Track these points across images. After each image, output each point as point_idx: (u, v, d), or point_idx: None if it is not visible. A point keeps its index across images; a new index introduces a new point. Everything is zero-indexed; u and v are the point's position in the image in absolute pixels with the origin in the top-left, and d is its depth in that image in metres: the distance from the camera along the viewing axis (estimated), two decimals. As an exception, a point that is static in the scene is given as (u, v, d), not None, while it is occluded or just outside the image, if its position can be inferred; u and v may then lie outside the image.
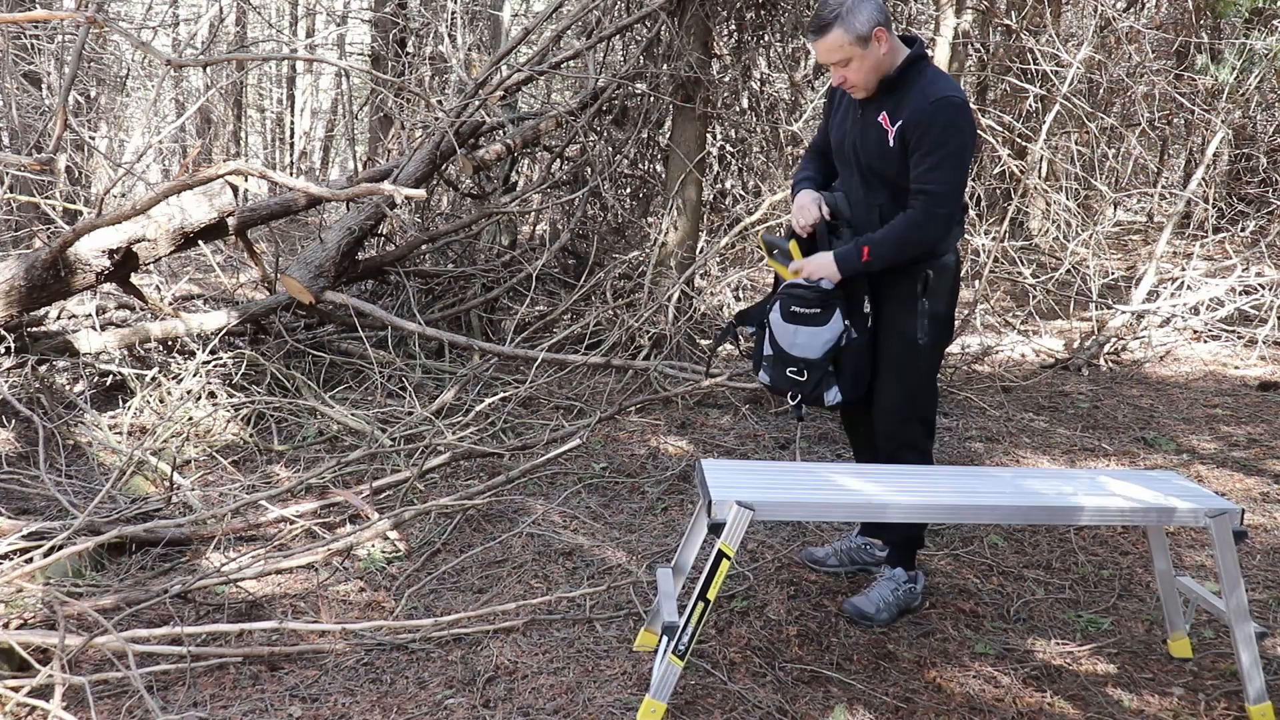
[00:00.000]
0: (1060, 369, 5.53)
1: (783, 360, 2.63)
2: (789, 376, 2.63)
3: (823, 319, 2.58)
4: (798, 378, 2.62)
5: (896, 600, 2.68)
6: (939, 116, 2.43)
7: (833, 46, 2.44)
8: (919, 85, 2.48)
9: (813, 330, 2.59)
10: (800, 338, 2.60)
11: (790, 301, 2.61)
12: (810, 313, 2.59)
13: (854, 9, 2.41)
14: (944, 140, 2.44)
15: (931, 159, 2.45)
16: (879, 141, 2.53)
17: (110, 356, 4.51)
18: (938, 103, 2.43)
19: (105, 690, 2.31)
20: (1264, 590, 2.90)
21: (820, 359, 2.58)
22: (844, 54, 2.44)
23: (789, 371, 2.62)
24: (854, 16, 2.41)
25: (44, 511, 3.31)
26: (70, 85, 3.29)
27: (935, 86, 2.47)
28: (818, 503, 2.23)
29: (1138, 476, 2.46)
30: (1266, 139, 7.75)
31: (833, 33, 2.42)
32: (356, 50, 15.92)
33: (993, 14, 6.96)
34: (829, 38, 2.43)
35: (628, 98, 5.91)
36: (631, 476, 3.79)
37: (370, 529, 3.15)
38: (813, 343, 2.59)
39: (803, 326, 2.59)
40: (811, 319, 2.59)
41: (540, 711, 2.25)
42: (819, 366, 2.59)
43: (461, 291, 5.79)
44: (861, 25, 2.41)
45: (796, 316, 2.60)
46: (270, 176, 3.64)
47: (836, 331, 2.58)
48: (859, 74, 2.48)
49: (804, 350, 2.60)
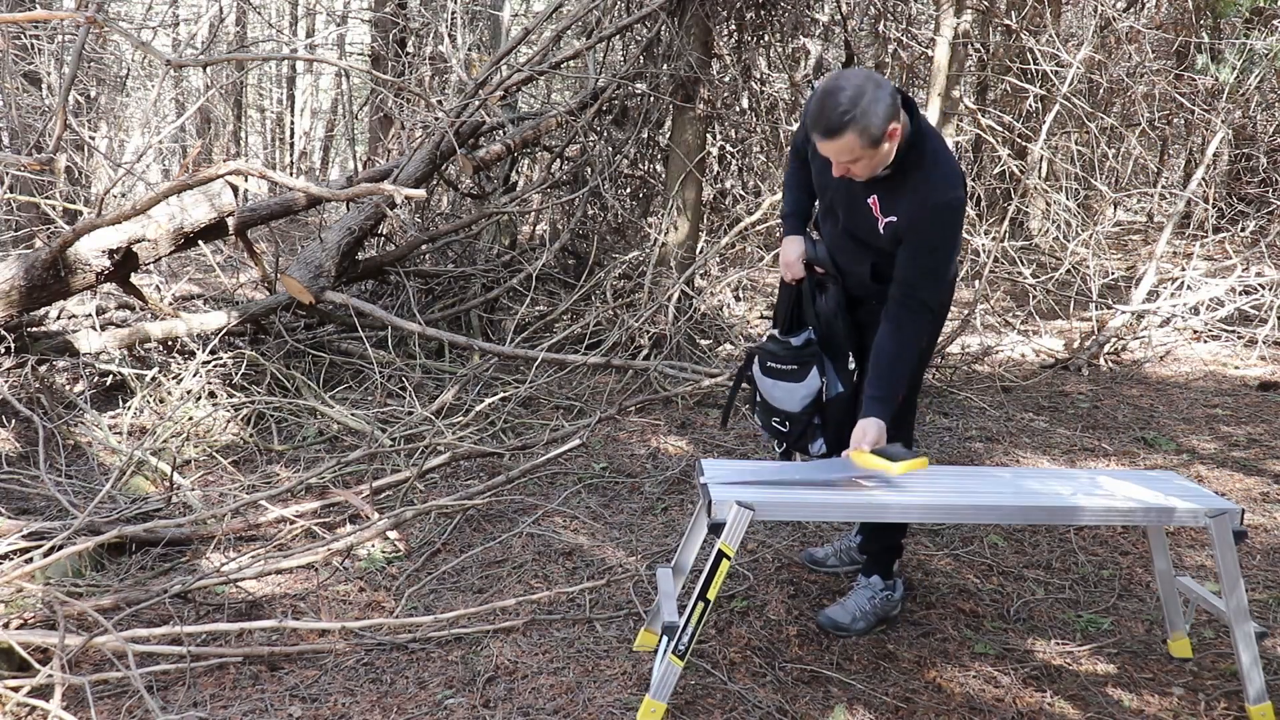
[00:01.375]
0: (1060, 369, 5.53)
1: (767, 410, 2.65)
2: (774, 426, 2.65)
3: (799, 375, 2.56)
4: (781, 428, 2.63)
5: (874, 609, 2.64)
6: (935, 223, 2.29)
7: (843, 149, 2.16)
8: (915, 180, 2.28)
9: (789, 385, 2.57)
10: (778, 392, 2.59)
11: (766, 358, 2.61)
12: (786, 369, 2.57)
13: (869, 110, 2.11)
14: (937, 245, 2.32)
15: (922, 263, 2.33)
16: (867, 223, 2.39)
17: (110, 356, 4.51)
18: (936, 209, 2.27)
19: (105, 690, 2.31)
20: (1264, 590, 2.90)
21: (800, 412, 2.58)
22: (854, 155, 2.18)
23: (773, 421, 2.64)
24: (869, 118, 2.11)
25: (44, 511, 3.31)
26: (70, 85, 3.29)
27: (931, 186, 2.27)
28: (818, 503, 2.23)
29: (1138, 476, 2.46)
30: (1266, 139, 7.75)
31: (845, 136, 2.13)
32: (356, 50, 15.92)
33: (993, 14, 6.96)
34: (841, 141, 2.14)
35: (628, 98, 5.92)
36: (631, 476, 3.79)
37: (370, 529, 3.15)
38: (790, 397, 2.58)
39: (780, 381, 2.58)
40: (787, 375, 2.57)
41: (540, 711, 2.25)
42: (799, 419, 2.59)
43: (461, 291, 5.79)
44: (876, 127, 2.12)
45: (772, 372, 2.60)
46: (270, 176, 3.64)
47: (814, 388, 2.56)
48: (865, 170, 2.25)
49: (782, 404, 2.59)
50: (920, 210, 2.28)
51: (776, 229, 7.00)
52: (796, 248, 2.64)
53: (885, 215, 2.35)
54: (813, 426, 2.60)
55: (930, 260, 2.34)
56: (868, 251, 2.47)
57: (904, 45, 7.17)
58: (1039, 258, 7.49)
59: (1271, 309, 5.90)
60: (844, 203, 2.45)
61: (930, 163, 2.29)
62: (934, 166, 2.29)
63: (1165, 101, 7.69)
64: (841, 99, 2.12)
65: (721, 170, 6.82)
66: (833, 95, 2.14)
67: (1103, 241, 7.11)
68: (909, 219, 2.30)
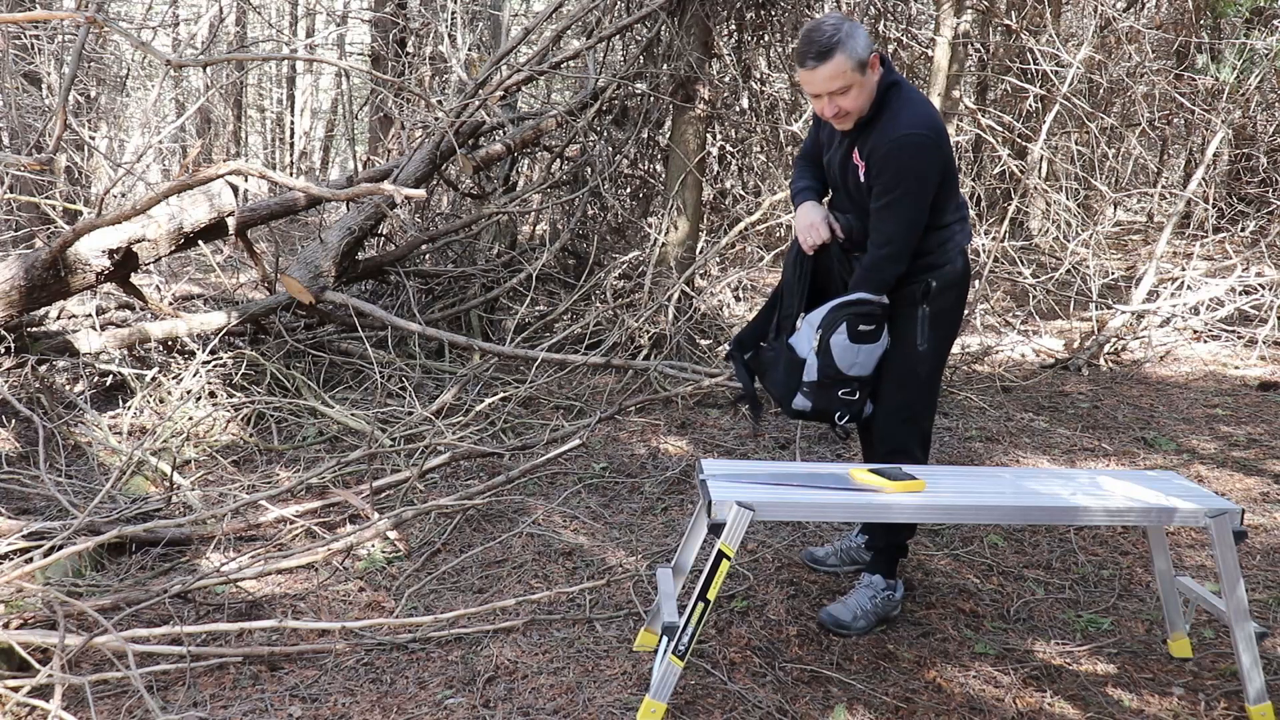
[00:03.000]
0: (1060, 369, 5.53)
1: (836, 382, 2.52)
2: (841, 398, 2.53)
3: (877, 334, 2.52)
4: (850, 397, 2.53)
5: (874, 608, 2.64)
6: (893, 158, 2.37)
7: (835, 74, 2.32)
8: (885, 119, 2.41)
9: (870, 348, 2.52)
10: (861, 356, 2.51)
11: (859, 320, 2.50)
12: (871, 330, 2.52)
13: (852, 34, 2.32)
14: (895, 183, 2.39)
15: (883, 200, 2.41)
16: (855, 177, 2.50)
17: (110, 356, 4.51)
18: (896, 141, 2.37)
19: (105, 690, 2.31)
20: (1264, 590, 2.90)
21: (871, 375, 2.54)
22: (845, 81, 2.34)
23: (841, 394, 2.52)
24: (854, 42, 2.32)
25: (44, 511, 3.31)
26: (70, 85, 3.29)
27: (898, 122, 2.38)
28: (818, 503, 2.23)
29: (1138, 477, 2.46)
30: (1266, 139, 7.75)
31: (835, 59, 2.31)
32: (356, 50, 15.93)
33: (993, 14, 6.96)
34: (830, 65, 2.31)
35: (628, 98, 5.92)
36: (631, 476, 3.79)
37: (370, 529, 3.15)
38: (869, 360, 2.53)
39: (864, 345, 2.51)
40: (870, 336, 2.52)
41: (540, 711, 2.25)
42: (869, 383, 2.54)
43: (461, 291, 5.79)
44: (861, 50, 2.33)
45: (862, 335, 2.50)
46: (270, 176, 3.64)
47: (885, 345, 2.54)
48: (855, 102, 2.39)
49: (862, 369, 2.52)
50: (882, 141, 2.39)
51: (776, 229, 7.01)
52: (818, 211, 2.62)
53: (864, 160, 2.44)
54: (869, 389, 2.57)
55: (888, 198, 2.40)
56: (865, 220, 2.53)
57: (904, 45, 7.17)
58: (1039, 258, 7.49)
59: (1271, 309, 5.90)
60: (840, 168, 2.53)
61: (900, 105, 2.41)
62: (903, 107, 2.41)
63: (1165, 101, 7.68)
64: (825, 27, 2.33)
65: (721, 170, 6.82)
66: (817, 27, 2.34)
67: (1103, 241, 7.11)
68: (875, 153, 2.40)
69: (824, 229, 2.57)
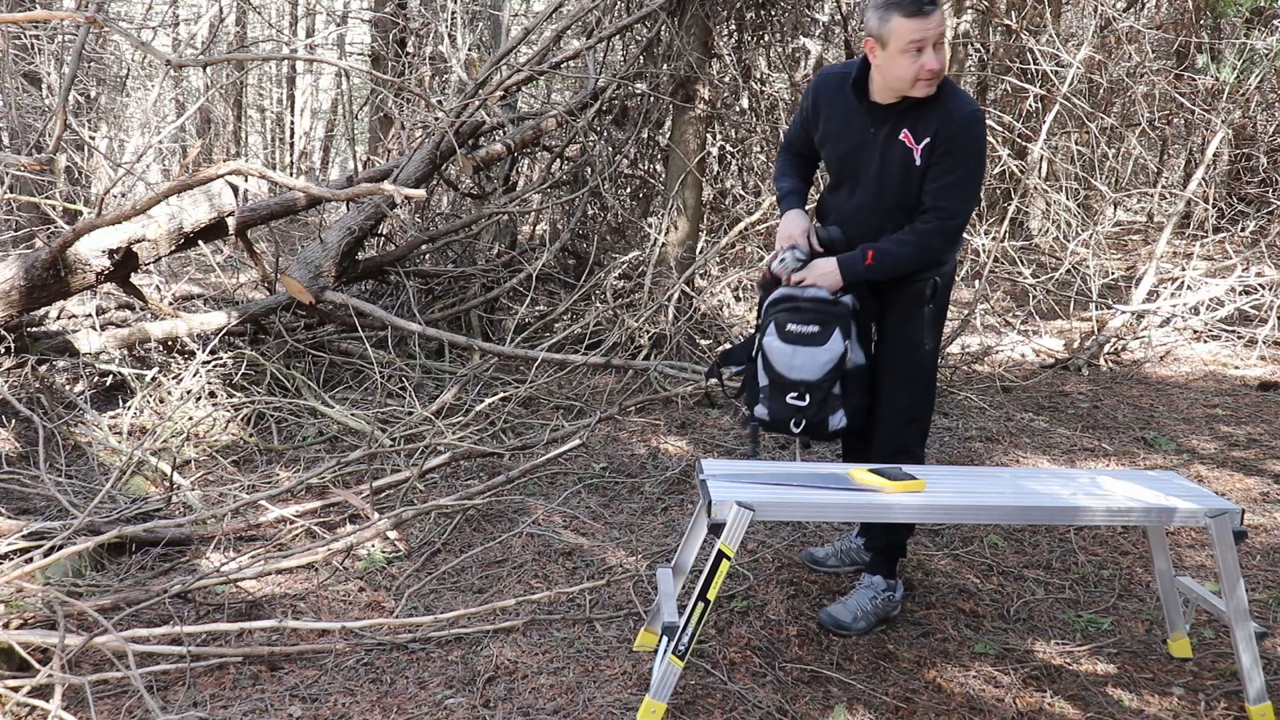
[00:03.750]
0: (1060, 369, 5.53)
1: (781, 386, 2.46)
2: (789, 404, 2.46)
3: (821, 338, 2.44)
4: (798, 403, 2.45)
5: (875, 609, 2.64)
6: (968, 135, 2.39)
7: (942, 21, 2.35)
8: (939, 101, 2.41)
9: (810, 351, 2.44)
10: (799, 359, 2.44)
11: (786, 319, 2.45)
12: (807, 331, 2.44)
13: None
14: (968, 159, 2.40)
15: (953, 176, 2.40)
16: (903, 160, 2.43)
17: (110, 356, 4.51)
18: (967, 120, 2.39)
19: (105, 690, 2.31)
20: (1264, 590, 2.90)
21: (820, 380, 2.44)
22: (943, 30, 2.36)
23: (789, 398, 2.45)
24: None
25: (44, 511, 3.31)
26: (70, 85, 3.29)
27: (960, 101, 2.41)
28: (818, 503, 2.23)
29: (1138, 477, 2.46)
30: (1266, 139, 7.75)
31: (940, 8, 2.34)
32: (356, 50, 15.93)
33: (993, 14, 6.96)
34: (939, 12, 2.34)
35: (628, 98, 5.92)
36: (631, 476, 3.79)
37: (370, 529, 3.15)
38: (811, 364, 2.44)
39: (800, 347, 2.44)
40: (809, 338, 2.44)
41: (540, 711, 2.25)
42: (820, 388, 2.44)
43: (461, 291, 5.79)
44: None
45: (792, 336, 2.45)
46: (270, 176, 3.64)
47: (837, 352, 2.45)
48: (942, 60, 2.38)
49: (802, 373, 2.44)
50: (952, 119, 2.39)
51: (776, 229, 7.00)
52: (800, 221, 2.61)
53: (920, 140, 2.42)
54: (833, 396, 2.46)
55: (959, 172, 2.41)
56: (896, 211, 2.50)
57: (904, 45, 7.15)
58: (1039, 258, 7.49)
59: (1271, 309, 5.90)
60: (878, 151, 2.48)
61: (947, 84, 2.44)
62: (951, 87, 2.45)
63: (1165, 101, 7.68)
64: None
65: (721, 170, 6.82)
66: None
67: (1103, 241, 7.11)
68: (945, 131, 2.39)
69: (803, 243, 2.57)
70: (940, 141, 2.40)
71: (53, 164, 3.35)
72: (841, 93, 2.51)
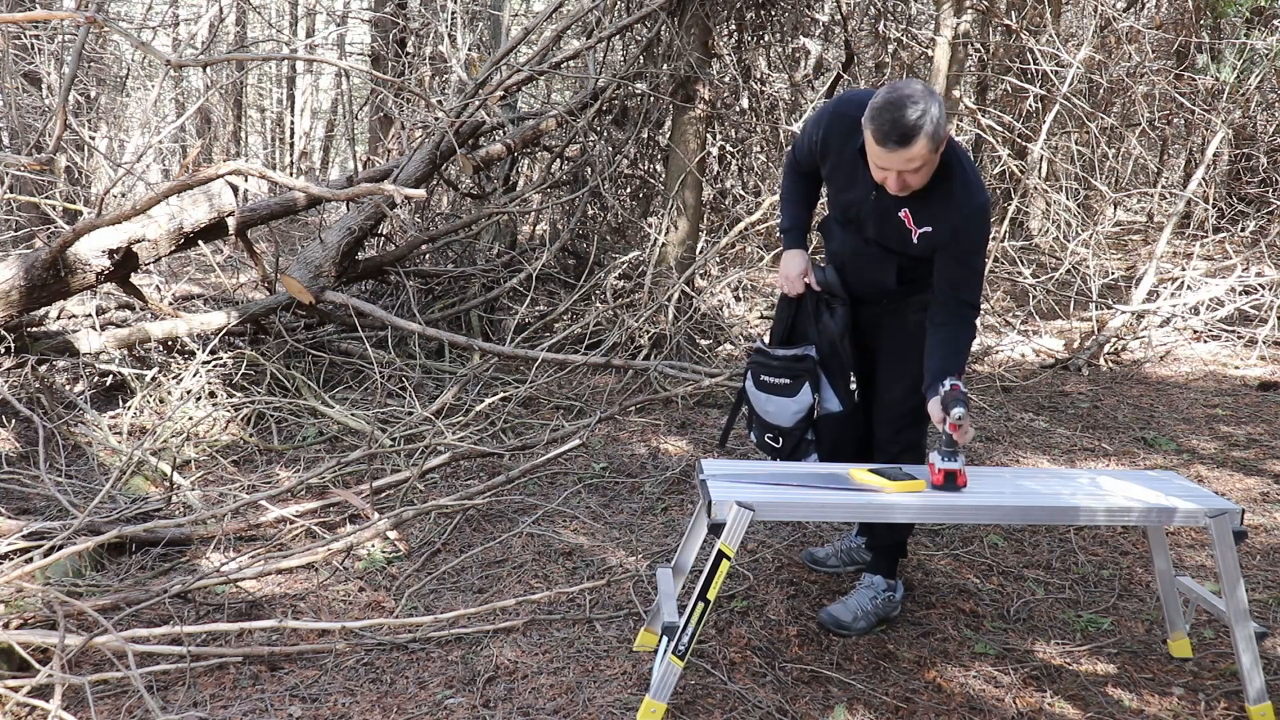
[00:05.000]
0: (1060, 369, 5.53)
1: (762, 424, 2.66)
2: (766, 441, 2.66)
3: (791, 390, 2.59)
4: (773, 443, 2.64)
5: (875, 608, 2.65)
6: (972, 228, 2.34)
7: (914, 156, 2.16)
8: (945, 190, 2.31)
9: (781, 400, 2.60)
10: (771, 406, 2.62)
11: (760, 370, 2.63)
12: (779, 383, 2.60)
13: (936, 115, 2.15)
14: (976, 249, 2.39)
15: (966, 269, 2.39)
16: (899, 234, 2.41)
17: (110, 356, 4.51)
18: (971, 216, 2.32)
19: (105, 690, 2.31)
20: (1264, 590, 2.90)
21: (792, 428, 2.60)
22: (921, 162, 2.19)
23: (766, 437, 2.66)
24: (936, 124, 2.14)
25: (44, 511, 3.31)
26: (70, 85, 3.29)
27: (967, 193, 2.31)
28: (818, 503, 2.23)
29: (1138, 477, 2.46)
30: (1266, 139, 7.75)
31: (918, 143, 2.14)
32: (356, 50, 15.92)
33: (993, 14, 6.96)
34: (913, 148, 2.15)
35: (628, 98, 5.92)
36: (631, 476, 3.79)
37: (370, 529, 3.15)
38: (782, 412, 2.61)
39: (773, 396, 2.61)
40: (780, 389, 2.60)
41: (540, 711, 2.25)
42: (792, 434, 2.61)
43: (461, 291, 5.79)
44: (940, 130, 2.17)
45: (766, 385, 2.63)
46: (270, 176, 3.64)
47: (805, 404, 2.59)
48: (924, 177, 2.26)
49: (775, 419, 2.62)
50: (957, 217, 2.33)
51: (776, 229, 7.00)
52: (799, 263, 2.66)
53: (920, 226, 2.38)
54: (806, 441, 2.63)
55: (973, 263, 2.40)
56: (896, 258, 2.49)
57: (904, 45, 7.17)
58: (1039, 258, 7.49)
59: (1271, 309, 5.90)
60: (874, 216, 2.44)
61: (958, 171, 2.34)
62: (961, 174, 2.34)
63: (1165, 101, 7.68)
64: (910, 106, 2.13)
65: (721, 170, 6.82)
66: (899, 104, 2.13)
67: (1103, 241, 7.11)
68: (948, 226, 2.34)
69: (799, 285, 2.64)
70: (943, 235, 2.35)
71: (53, 164, 3.35)
72: (849, 144, 2.41)
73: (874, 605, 2.64)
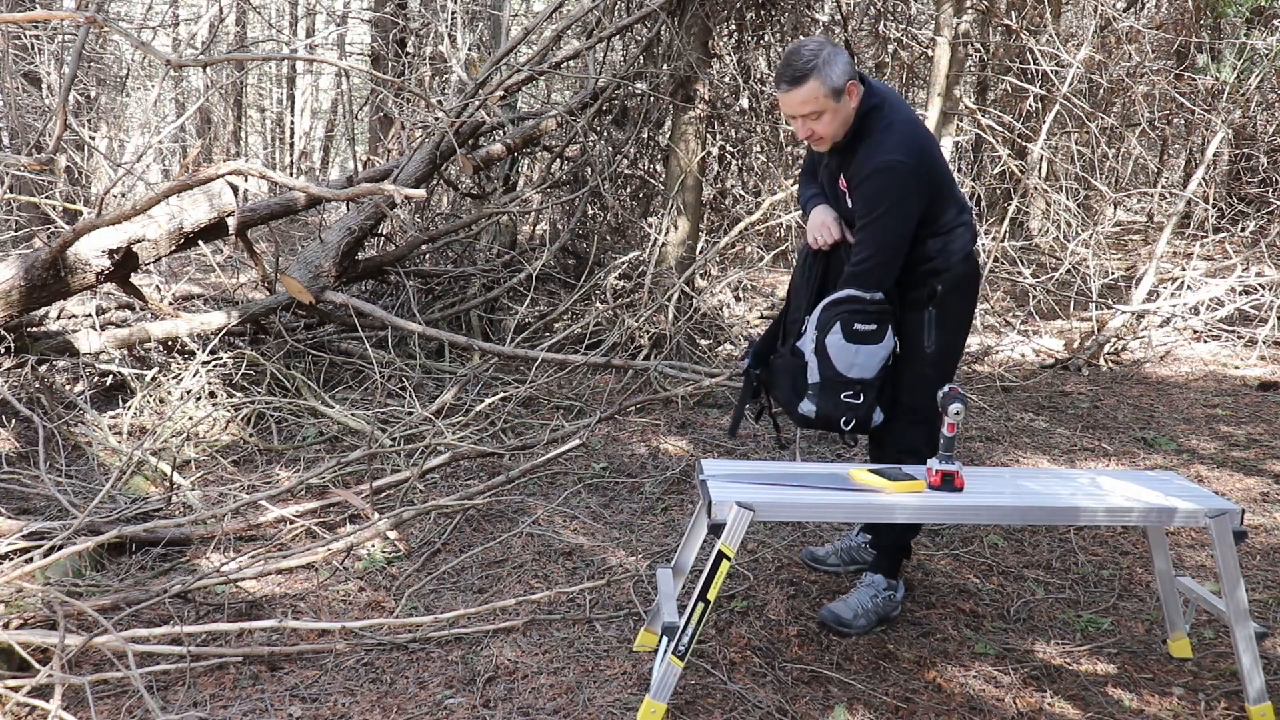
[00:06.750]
0: (1060, 369, 5.53)
1: (837, 384, 2.47)
2: (845, 402, 2.47)
3: (879, 335, 2.48)
4: (853, 400, 2.47)
5: (875, 607, 2.64)
6: (870, 183, 2.41)
7: (807, 99, 2.38)
8: (867, 146, 2.44)
9: (871, 348, 2.48)
10: (860, 357, 2.47)
11: (853, 319, 2.47)
12: (870, 329, 2.48)
13: (830, 60, 2.36)
14: (872, 207, 2.42)
15: (861, 222, 2.45)
16: (843, 203, 2.54)
17: (110, 356, 4.51)
18: (875, 167, 2.40)
19: (105, 690, 2.31)
20: (1264, 590, 2.90)
21: (874, 378, 2.49)
22: (816, 106, 2.39)
23: (844, 396, 2.47)
24: (830, 68, 2.36)
25: (44, 511, 3.31)
26: (70, 85, 3.29)
27: (879, 148, 2.41)
28: (818, 503, 2.23)
29: (1138, 477, 2.46)
30: (1266, 139, 7.75)
31: (808, 84, 2.36)
32: (356, 50, 15.93)
33: (993, 14, 6.96)
34: (803, 90, 2.37)
35: (628, 98, 5.92)
36: (631, 476, 3.79)
37: (370, 529, 3.15)
38: (870, 361, 2.47)
39: (864, 345, 2.47)
40: (871, 336, 2.48)
41: (540, 711, 2.25)
42: (873, 386, 2.48)
43: (461, 291, 5.79)
44: (837, 78, 2.36)
45: (859, 335, 2.47)
46: (270, 176, 3.64)
47: (890, 348, 2.51)
48: (829, 127, 2.43)
49: (863, 370, 2.47)
50: (861, 170, 2.43)
51: (776, 229, 7.00)
52: (829, 211, 2.63)
53: (849, 188, 2.48)
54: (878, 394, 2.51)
55: (867, 222, 2.44)
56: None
57: (904, 45, 7.17)
58: (1039, 258, 7.50)
59: (1271, 309, 5.90)
60: (831, 190, 2.58)
61: (881, 129, 2.44)
62: (885, 132, 2.44)
63: (1165, 101, 7.69)
64: (804, 51, 2.38)
65: (721, 170, 6.82)
66: (796, 51, 2.40)
67: (1103, 241, 7.11)
68: (856, 180, 2.45)
69: (835, 229, 2.58)
70: (854, 187, 2.47)
71: (53, 164, 3.35)
72: None
73: (874, 604, 2.64)
